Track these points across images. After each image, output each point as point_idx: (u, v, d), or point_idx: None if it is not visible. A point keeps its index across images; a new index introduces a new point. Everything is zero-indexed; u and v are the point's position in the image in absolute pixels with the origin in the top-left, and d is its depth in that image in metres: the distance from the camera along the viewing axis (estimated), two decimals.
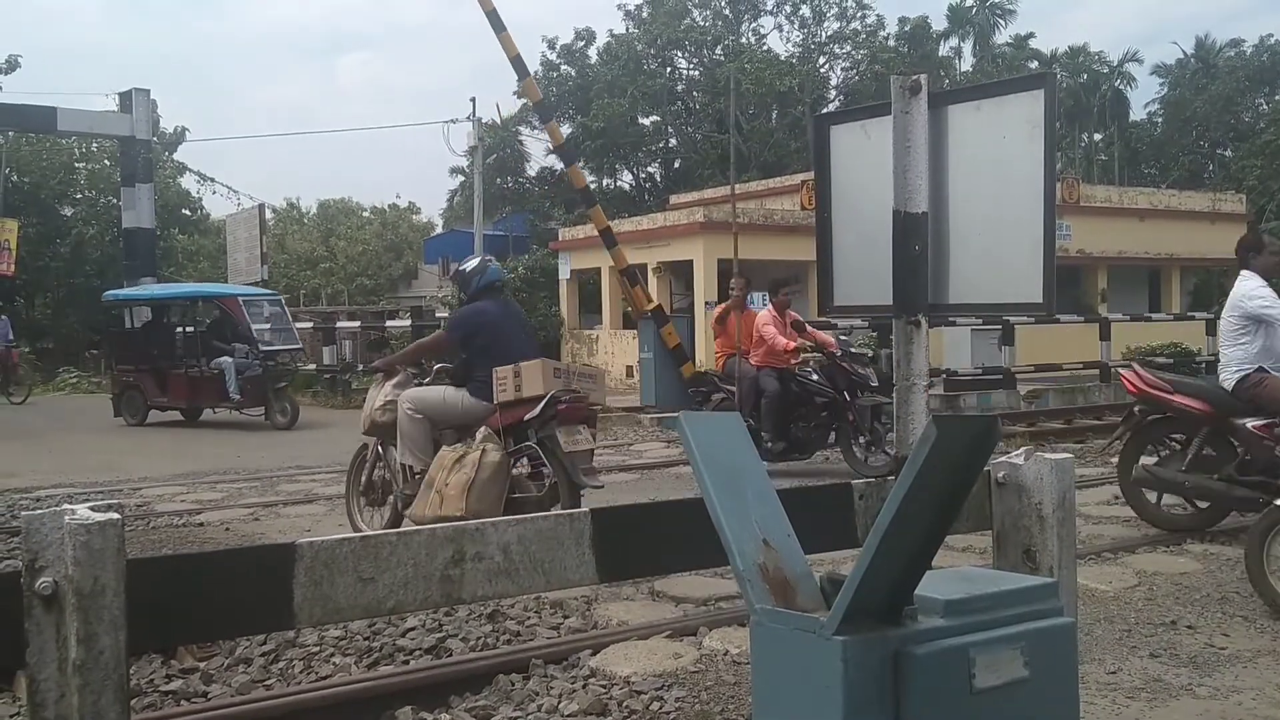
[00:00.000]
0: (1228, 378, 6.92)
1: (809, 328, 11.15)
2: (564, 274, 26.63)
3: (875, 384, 10.71)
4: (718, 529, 2.00)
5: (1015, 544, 3.09)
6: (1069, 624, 2.03)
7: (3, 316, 25.17)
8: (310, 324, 24.23)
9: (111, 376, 19.17)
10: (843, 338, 11.40)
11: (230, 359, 16.86)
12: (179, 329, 19.30)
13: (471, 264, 7.22)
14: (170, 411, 17.95)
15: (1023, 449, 3.15)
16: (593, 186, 45.45)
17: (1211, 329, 22.45)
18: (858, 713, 1.76)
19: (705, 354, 21.24)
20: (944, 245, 3.28)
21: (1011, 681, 1.88)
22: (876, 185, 3.30)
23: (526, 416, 6.46)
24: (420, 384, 7.10)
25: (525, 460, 6.63)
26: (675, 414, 2.31)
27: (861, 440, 10.60)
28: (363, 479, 7.41)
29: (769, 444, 10.56)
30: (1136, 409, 7.50)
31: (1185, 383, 7.33)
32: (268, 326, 18.04)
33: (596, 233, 24.88)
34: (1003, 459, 3.10)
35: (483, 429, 6.50)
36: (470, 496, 6.23)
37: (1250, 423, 6.79)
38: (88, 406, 21.56)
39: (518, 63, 17.66)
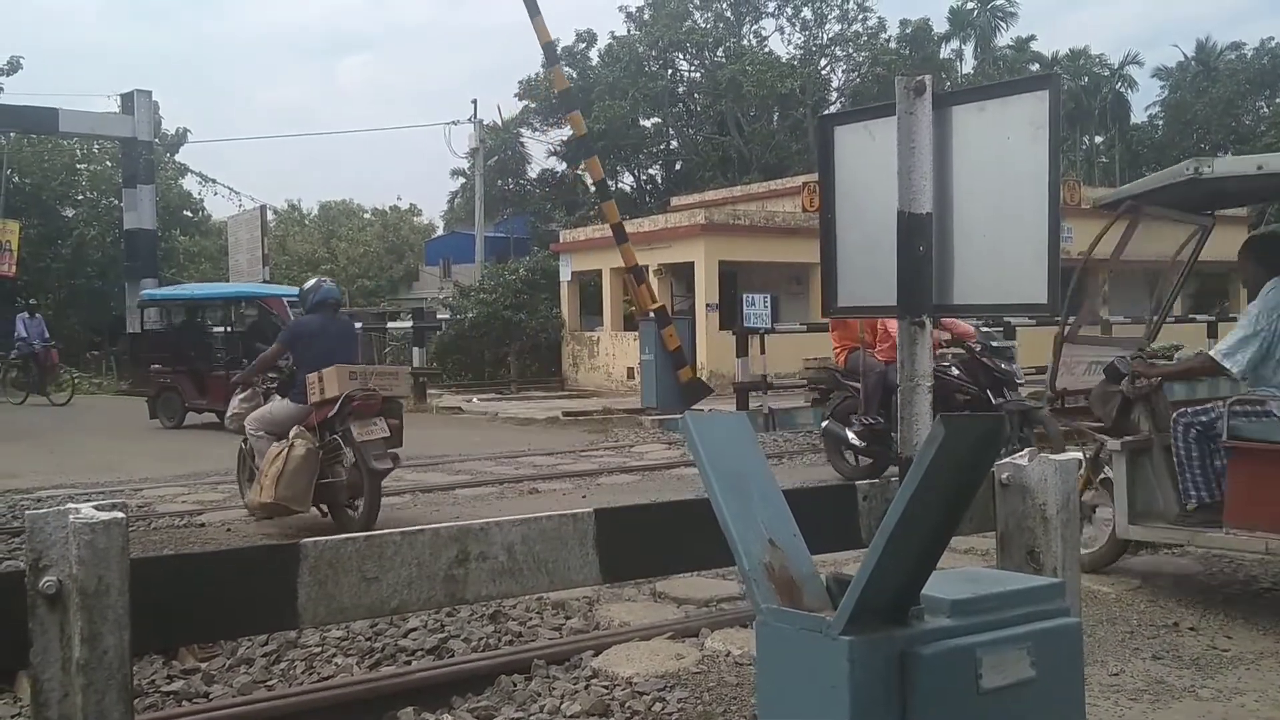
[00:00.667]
0: None
1: (944, 318, 9.55)
2: (565, 276, 26.62)
3: (1021, 381, 9.62)
4: (723, 529, 2.00)
5: (1019, 545, 3.09)
6: (1075, 624, 2.03)
7: (36, 315, 23.97)
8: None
9: (148, 378, 18.44)
10: (984, 330, 10.07)
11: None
12: (217, 330, 18.87)
13: (309, 284, 8.77)
14: (206, 414, 17.24)
15: (1026, 450, 3.15)
16: (593, 188, 45.59)
17: (1213, 331, 22.45)
18: (864, 713, 1.76)
19: (706, 356, 21.25)
20: (948, 246, 3.27)
21: (1018, 682, 1.88)
22: (881, 186, 3.29)
23: (330, 414, 7.80)
24: (267, 390, 8.58)
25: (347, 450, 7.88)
26: (678, 415, 2.31)
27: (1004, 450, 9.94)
28: (245, 470, 8.58)
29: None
30: None
31: None
32: None
33: (599, 232, 24.88)
34: (1006, 460, 3.09)
35: (295, 427, 7.83)
36: (280, 484, 7.51)
37: None
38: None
39: (549, 49, 17.91)
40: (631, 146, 43.52)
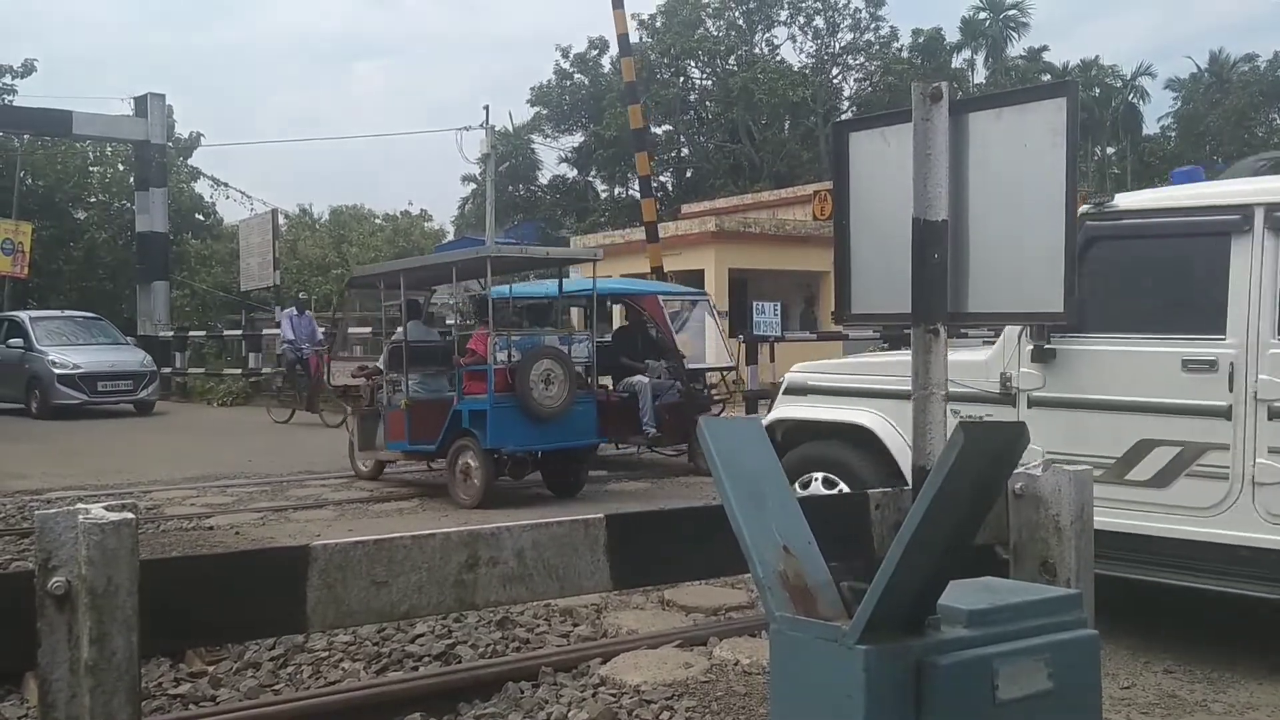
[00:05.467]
0: None
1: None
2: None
3: None
4: (738, 536, 1.98)
5: (1032, 556, 3.06)
6: (1093, 636, 2.00)
7: (305, 312, 19.31)
8: (322, 329, 24.15)
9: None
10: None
11: (645, 379, 11.94)
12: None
13: None
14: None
15: (1040, 460, 3.12)
16: (603, 195, 45.72)
17: None
18: None
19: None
20: (963, 254, 3.24)
21: (1035, 693, 1.85)
22: (896, 192, 3.26)
23: None
24: None
25: None
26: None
27: None
28: None
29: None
30: None
31: None
32: (687, 337, 13.19)
33: (609, 239, 24.85)
34: (1020, 470, 3.06)
35: None
36: None
37: None
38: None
39: (624, 40, 18.37)
40: None
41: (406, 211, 55.09)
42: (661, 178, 46.47)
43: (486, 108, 37.65)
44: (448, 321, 16.30)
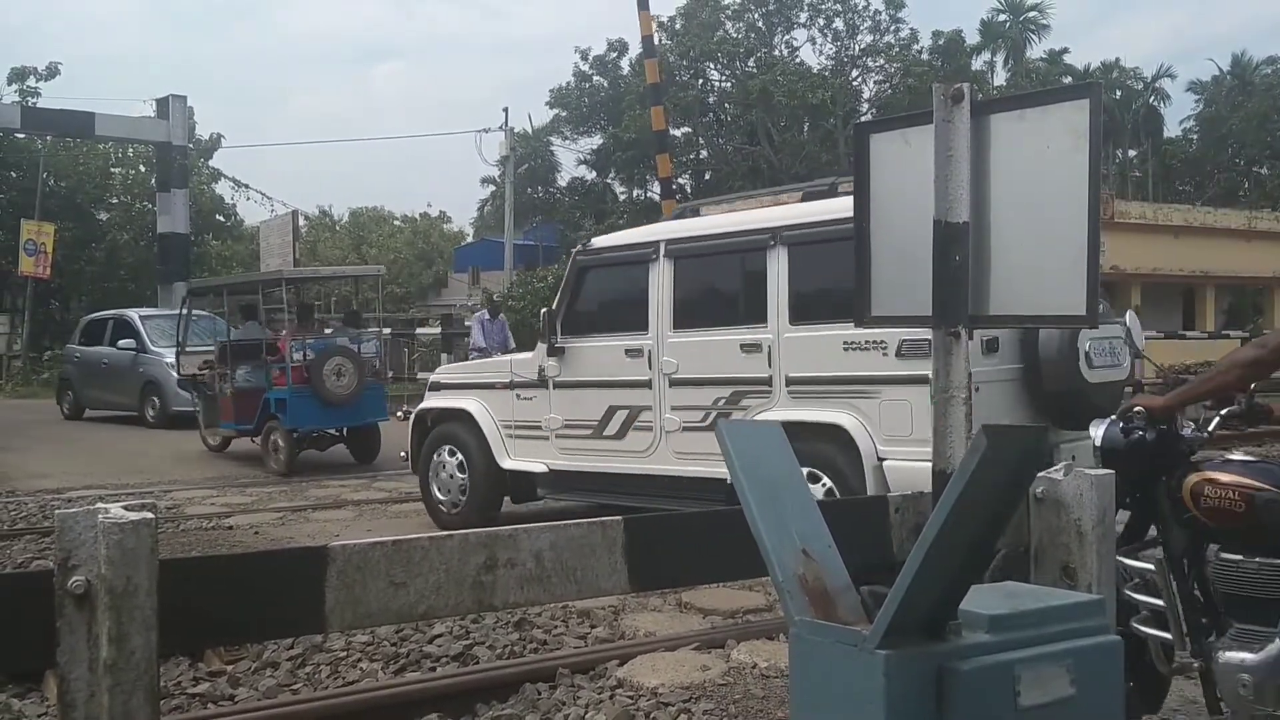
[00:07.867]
0: None
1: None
2: None
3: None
4: (757, 539, 1.96)
5: (1053, 561, 3.03)
6: (1116, 642, 1.98)
7: (500, 317, 16.89)
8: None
9: None
10: None
11: None
12: None
13: None
14: None
15: (1061, 464, 3.09)
16: (622, 197, 45.68)
17: None
18: None
19: None
20: (985, 256, 3.21)
21: (1057, 700, 1.83)
22: (917, 194, 3.24)
23: None
24: None
25: None
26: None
27: None
28: None
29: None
30: None
31: None
32: None
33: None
34: (1041, 474, 3.04)
35: None
36: None
37: None
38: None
39: (648, 42, 18.52)
40: None
41: (425, 213, 55.39)
42: (680, 180, 46.41)
43: (506, 110, 37.83)
44: (466, 323, 16.39)
